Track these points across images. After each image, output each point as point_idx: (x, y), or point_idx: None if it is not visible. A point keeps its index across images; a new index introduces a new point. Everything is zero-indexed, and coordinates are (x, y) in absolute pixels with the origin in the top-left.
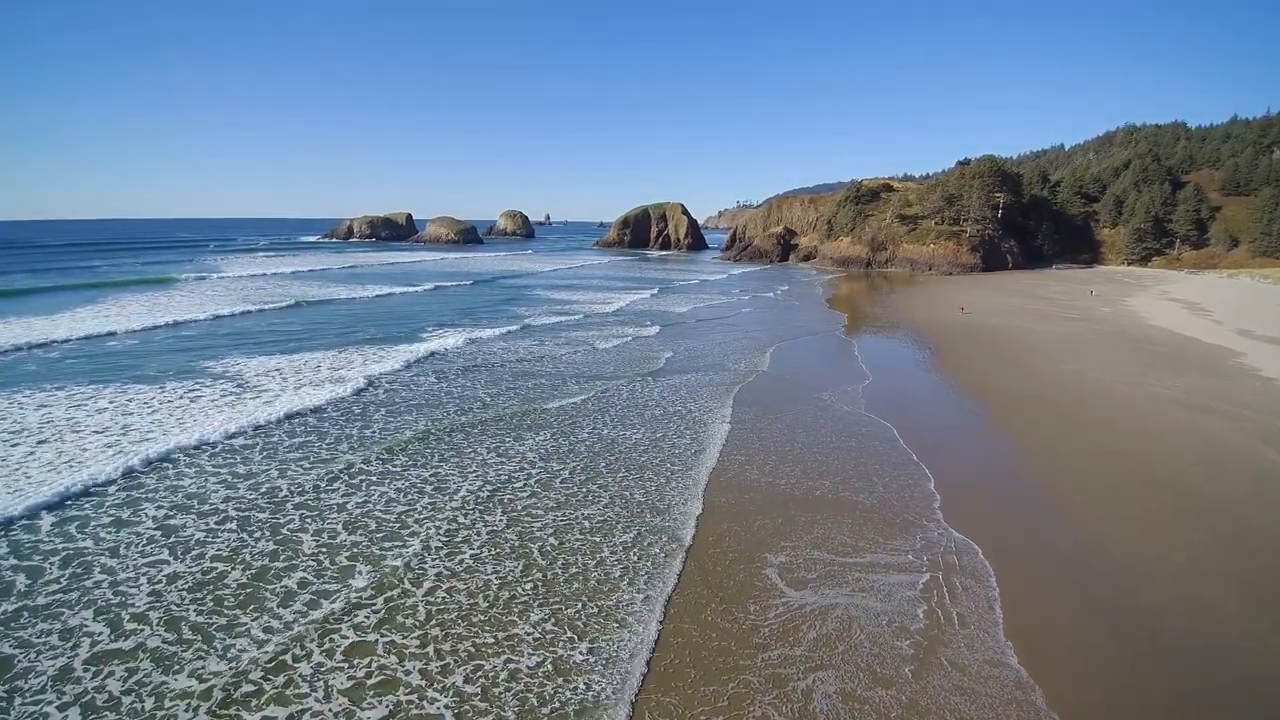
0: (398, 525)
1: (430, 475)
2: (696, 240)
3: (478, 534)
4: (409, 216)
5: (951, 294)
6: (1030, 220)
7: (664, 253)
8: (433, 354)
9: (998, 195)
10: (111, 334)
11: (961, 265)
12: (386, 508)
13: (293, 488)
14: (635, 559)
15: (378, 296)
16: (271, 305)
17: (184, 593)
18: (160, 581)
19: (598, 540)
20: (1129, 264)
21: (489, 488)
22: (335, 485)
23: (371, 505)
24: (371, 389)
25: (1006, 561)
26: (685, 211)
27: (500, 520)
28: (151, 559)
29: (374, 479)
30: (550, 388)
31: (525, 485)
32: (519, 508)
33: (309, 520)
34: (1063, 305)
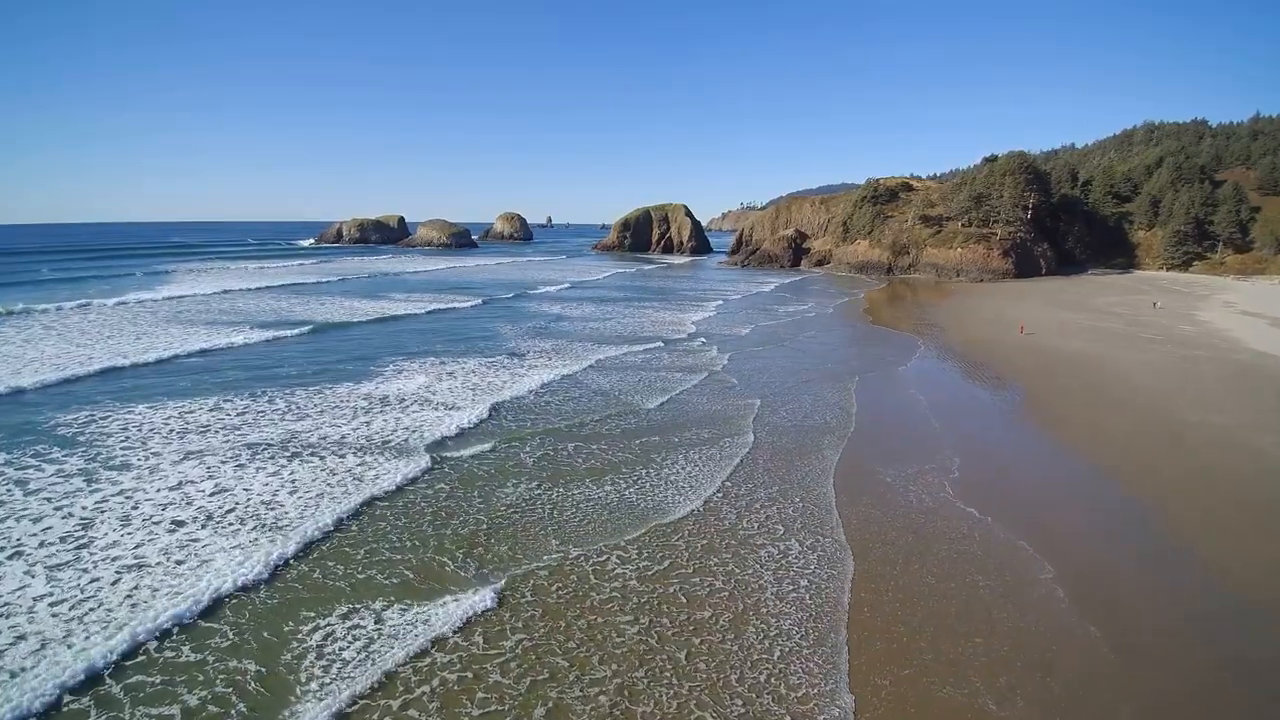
0: None
1: None
2: (701, 243)
3: None
4: (401, 219)
5: (995, 306)
6: (1060, 222)
7: (667, 257)
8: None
9: (1029, 195)
10: None
11: (992, 271)
12: None
13: None
14: None
15: (357, 322)
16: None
17: None
18: None
19: None
20: (1168, 269)
21: None
22: None
23: None
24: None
25: None
26: (689, 213)
27: None
28: None
29: None
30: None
31: None
32: None
33: None
34: (1131, 321)
